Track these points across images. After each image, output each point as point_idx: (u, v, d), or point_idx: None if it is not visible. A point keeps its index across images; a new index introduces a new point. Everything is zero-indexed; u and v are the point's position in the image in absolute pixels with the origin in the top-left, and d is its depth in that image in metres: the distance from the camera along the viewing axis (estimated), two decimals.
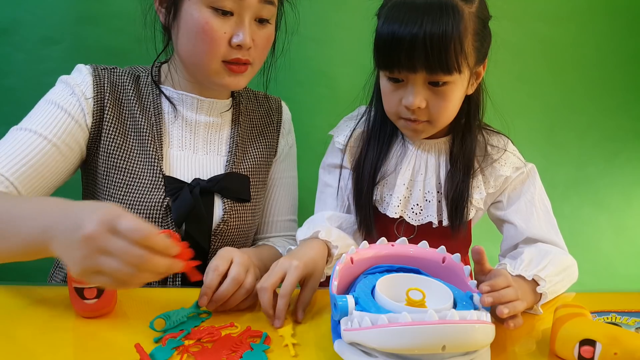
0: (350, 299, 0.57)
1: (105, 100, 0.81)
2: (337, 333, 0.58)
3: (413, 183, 0.86)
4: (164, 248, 0.54)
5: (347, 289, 0.66)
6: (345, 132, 0.91)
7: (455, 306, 0.59)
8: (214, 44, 0.76)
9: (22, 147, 0.74)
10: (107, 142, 0.81)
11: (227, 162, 0.89)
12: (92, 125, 0.81)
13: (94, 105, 0.81)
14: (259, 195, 0.93)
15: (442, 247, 0.69)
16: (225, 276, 0.68)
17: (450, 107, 0.79)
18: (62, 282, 0.88)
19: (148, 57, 0.89)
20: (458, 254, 0.68)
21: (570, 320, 0.60)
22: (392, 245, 0.69)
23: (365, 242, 0.68)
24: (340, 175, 0.91)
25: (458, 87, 0.78)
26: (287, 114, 1.02)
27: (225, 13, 0.76)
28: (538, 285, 0.71)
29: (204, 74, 0.81)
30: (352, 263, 0.66)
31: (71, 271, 0.55)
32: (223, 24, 0.76)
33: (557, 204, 0.89)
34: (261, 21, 0.80)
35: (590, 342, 0.57)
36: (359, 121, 0.92)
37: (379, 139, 0.88)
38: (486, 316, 0.54)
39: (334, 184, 0.92)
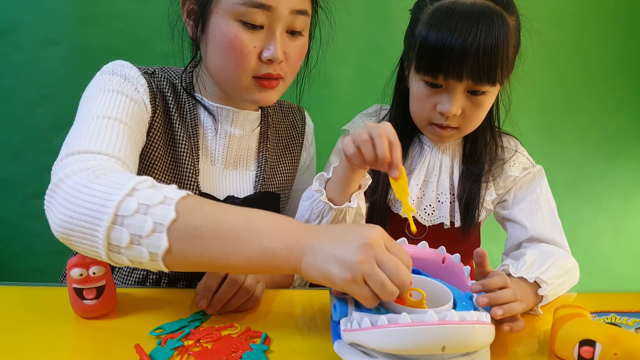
0: (350, 300, 0.57)
1: (157, 108, 0.77)
2: (336, 334, 0.58)
3: (426, 184, 0.87)
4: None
5: None
6: None
7: (455, 307, 0.59)
8: (243, 59, 0.72)
9: (112, 131, 0.67)
10: (150, 152, 0.77)
11: (256, 178, 0.87)
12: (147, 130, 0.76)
13: (151, 110, 0.76)
14: (284, 210, 0.93)
15: (442, 247, 0.69)
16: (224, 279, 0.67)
17: (482, 115, 0.80)
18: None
19: (148, 58, 0.89)
20: (458, 255, 0.68)
21: (570, 321, 0.60)
22: None
23: None
24: None
25: (492, 97, 0.79)
26: (310, 125, 0.99)
27: (254, 27, 0.71)
28: (540, 287, 0.72)
29: (234, 90, 0.77)
30: None
31: (336, 278, 0.52)
32: (253, 38, 0.72)
33: (556, 203, 0.89)
34: (293, 33, 0.75)
35: (590, 343, 0.57)
36: (382, 119, 0.91)
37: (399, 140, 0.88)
38: (486, 317, 0.54)
39: None
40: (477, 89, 0.76)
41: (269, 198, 0.87)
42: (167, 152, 0.78)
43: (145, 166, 0.77)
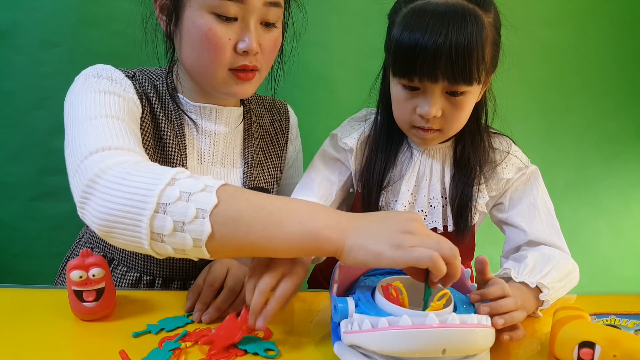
0: (350, 302, 0.57)
1: (144, 109, 0.77)
2: (337, 335, 0.58)
3: (418, 189, 0.86)
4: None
5: (347, 291, 0.66)
6: (352, 134, 0.90)
7: (455, 309, 0.59)
8: (218, 51, 0.72)
9: (120, 129, 0.67)
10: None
11: (244, 174, 0.87)
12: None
13: (141, 109, 0.77)
14: None
15: None
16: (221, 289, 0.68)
17: (464, 116, 0.79)
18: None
19: (148, 61, 0.89)
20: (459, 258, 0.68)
21: (570, 323, 0.60)
22: None
23: None
24: (338, 170, 0.90)
25: (473, 97, 0.78)
26: (293, 118, 1.00)
27: (229, 19, 0.72)
28: (541, 292, 0.72)
29: (210, 84, 0.77)
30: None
31: (385, 253, 0.53)
32: (227, 30, 0.72)
33: (555, 205, 0.89)
34: (267, 25, 0.76)
35: (590, 345, 0.57)
36: (368, 125, 0.91)
37: (386, 145, 0.87)
38: (486, 320, 0.54)
39: (326, 175, 0.90)
40: (455, 89, 0.75)
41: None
42: (156, 152, 0.79)
43: None
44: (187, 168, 0.80)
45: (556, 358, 0.61)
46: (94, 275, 0.63)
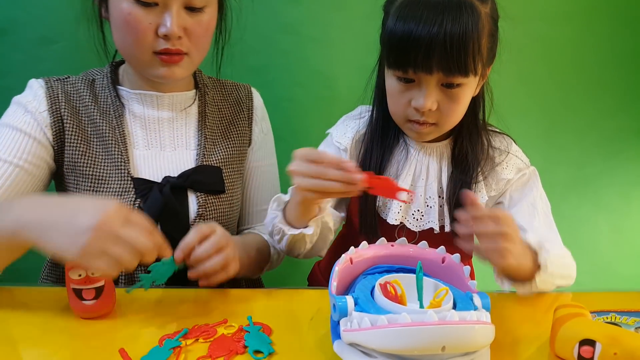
0: (349, 300, 0.57)
1: (62, 110, 0.81)
2: (336, 334, 0.58)
3: (414, 189, 0.85)
4: (161, 244, 0.63)
5: (347, 289, 0.66)
6: (346, 133, 0.90)
7: (455, 307, 0.59)
8: (139, 35, 0.75)
9: None
10: (71, 151, 0.81)
11: (197, 155, 0.88)
12: (53, 138, 0.80)
13: (50, 117, 0.80)
14: (235, 186, 0.92)
15: (442, 247, 0.69)
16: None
17: (460, 109, 0.78)
18: (54, 282, 0.88)
19: None
20: (458, 254, 0.67)
21: (570, 320, 0.60)
22: (392, 245, 0.69)
23: (365, 242, 0.68)
24: None
25: (469, 89, 0.77)
26: (258, 100, 0.99)
27: (148, 4, 0.74)
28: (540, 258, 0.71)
29: (139, 67, 0.80)
30: (351, 263, 0.66)
31: (67, 253, 0.58)
32: (147, 15, 0.74)
33: (556, 204, 0.89)
34: (193, 9, 0.77)
35: (590, 342, 0.57)
36: (363, 123, 0.90)
37: (382, 143, 0.86)
38: (486, 317, 0.54)
39: None
40: (451, 81, 0.73)
41: (208, 172, 0.87)
42: (92, 148, 0.82)
43: (72, 165, 0.81)
44: (128, 157, 0.82)
45: (557, 356, 0.61)
46: (93, 274, 0.63)
